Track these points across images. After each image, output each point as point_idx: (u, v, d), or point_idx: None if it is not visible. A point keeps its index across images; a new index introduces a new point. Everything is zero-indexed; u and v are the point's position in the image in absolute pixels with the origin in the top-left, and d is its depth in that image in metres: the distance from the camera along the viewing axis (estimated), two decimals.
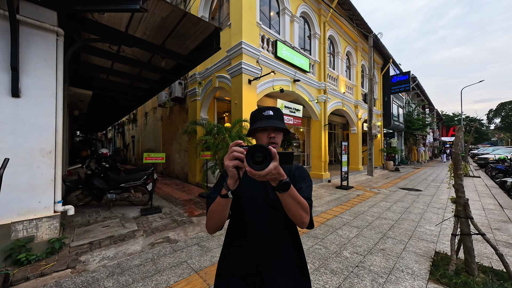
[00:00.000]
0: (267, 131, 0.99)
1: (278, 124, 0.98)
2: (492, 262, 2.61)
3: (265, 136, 0.98)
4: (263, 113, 1.00)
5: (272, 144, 0.96)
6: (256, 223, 0.94)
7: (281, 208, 0.90)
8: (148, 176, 4.88)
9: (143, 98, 7.52)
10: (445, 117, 50.77)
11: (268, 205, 0.95)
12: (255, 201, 0.95)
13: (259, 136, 1.00)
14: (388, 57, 13.91)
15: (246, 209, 0.95)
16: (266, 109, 1.01)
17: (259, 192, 0.96)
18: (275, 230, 0.95)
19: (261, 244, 0.94)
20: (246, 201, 0.95)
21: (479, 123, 52.36)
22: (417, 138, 20.25)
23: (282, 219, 0.94)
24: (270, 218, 0.95)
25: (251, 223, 0.94)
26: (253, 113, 1.06)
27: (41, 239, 2.71)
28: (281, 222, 0.96)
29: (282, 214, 0.92)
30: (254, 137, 1.05)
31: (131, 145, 17.40)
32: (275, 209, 0.94)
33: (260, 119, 0.99)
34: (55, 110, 2.85)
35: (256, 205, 0.95)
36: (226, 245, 1.02)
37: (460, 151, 2.51)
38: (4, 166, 1.78)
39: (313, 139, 8.59)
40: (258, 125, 0.98)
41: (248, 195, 0.96)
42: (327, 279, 2.29)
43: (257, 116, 1.01)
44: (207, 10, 7.31)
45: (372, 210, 4.74)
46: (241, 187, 0.94)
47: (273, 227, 0.95)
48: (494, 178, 9.50)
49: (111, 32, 3.59)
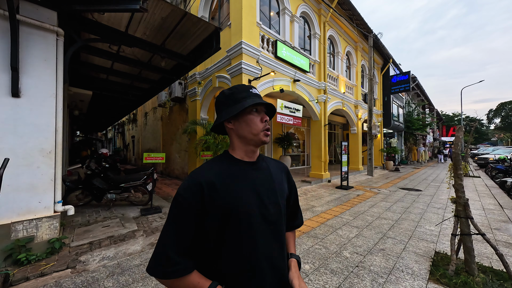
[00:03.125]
0: (261, 114, 0.78)
1: (271, 104, 0.79)
2: (492, 262, 2.61)
3: (258, 119, 0.76)
4: (249, 90, 0.77)
5: (267, 131, 0.77)
6: (259, 250, 0.70)
7: (283, 224, 0.79)
8: (148, 176, 4.88)
9: (143, 98, 7.52)
10: (445, 117, 50.77)
11: (268, 222, 0.73)
12: (248, 216, 0.70)
13: (251, 119, 0.75)
14: (388, 57, 13.90)
15: (242, 232, 0.69)
16: (249, 86, 0.79)
17: (253, 205, 0.71)
18: (281, 255, 0.77)
19: (272, 278, 0.72)
20: (239, 219, 0.69)
21: (479, 123, 52.36)
22: (417, 138, 20.25)
23: (283, 238, 0.79)
24: (273, 239, 0.74)
25: (249, 250, 0.69)
26: (234, 90, 0.77)
27: (41, 239, 2.71)
28: (284, 243, 0.80)
29: (283, 232, 0.79)
30: (235, 121, 0.76)
31: (131, 145, 17.40)
32: (276, 226, 0.75)
33: (250, 96, 0.75)
34: (55, 110, 2.85)
35: (251, 222, 0.70)
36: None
37: (460, 151, 2.51)
38: (4, 166, 1.78)
39: (313, 139, 8.58)
40: (254, 100, 0.73)
41: (241, 211, 0.69)
42: (327, 279, 2.29)
43: (244, 93, 0.76)
44: (207, 10, 7.30)
45: (372, 210, 4.74)
46: (227, 200, 0.69)
47: (280, 251, 0.76)
48: (494, 178, 9.50)
49: (111, 32, 3.59)
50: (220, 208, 0.68)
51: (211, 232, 0.68)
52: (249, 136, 0.75)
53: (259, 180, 0.77)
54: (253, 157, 0.80)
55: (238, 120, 0.76)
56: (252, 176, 0.76)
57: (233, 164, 0.77)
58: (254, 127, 0.75)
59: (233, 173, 0.74)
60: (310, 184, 7.44)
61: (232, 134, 0.79)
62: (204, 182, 0.68)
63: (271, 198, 0.76)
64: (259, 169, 0.80)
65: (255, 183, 0.75)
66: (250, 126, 0.75)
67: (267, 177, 0.80)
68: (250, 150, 0.78)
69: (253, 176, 0.76)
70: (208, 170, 0.73)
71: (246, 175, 0.75)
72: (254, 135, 0.75)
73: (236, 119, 0.76)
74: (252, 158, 0.80)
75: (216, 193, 0.68)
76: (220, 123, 0.80)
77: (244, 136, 0.76)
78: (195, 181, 0.69)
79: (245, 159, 0.79)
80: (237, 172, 0.75)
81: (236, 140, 0.79)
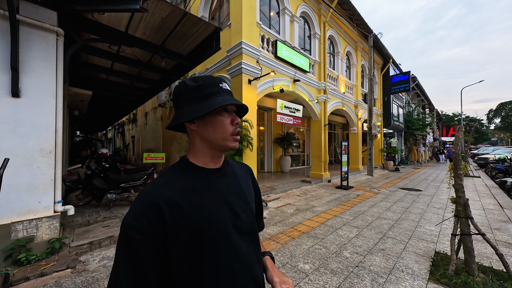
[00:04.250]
0: (231, 115, 0.67)
1: (243, 104, 0.69)
2: (492, 262, 2.61)
3: (228, 121, 0.65)
4: (219, 84, 0.65)
5: (237, 136, 0.67)
6: (240, 266, 0.62)
7: (257, 231, 0.73)
8: (148, 176, 4.88)
9: (143, 98, 7.52)
10: (445, 117, 50.79)
11: (243, 233, 0.66)
12: (223, 232, 0.61)
13: (219, 120, 0.64)
14: (388, 57, 13.90)
15: (218, 251, 0.59)
16: (219, 79, 0.66)
17: (226, 218, 0.62)
18: (259, 263, 0.70)
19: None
20: (214, 237, 0.59)
21: (479, 123, 52.40)
22: (417, 138, 20.26)
23: (259, 246, 0.73)
24: (250, 250, 0.67)
25: (230, 269, 0.60)
26: (201, 83, 0.64)
27: (41, 239, 2.71)
28: (260, 250, 0.74)
29: (258, 239, 0.74)
30: (200, 122, 0.64)
31: (131, 145, 17.40)
32: (251, 235, 0.69)
33: (219, 93, 0.64)
34: (55, 110, 2.85)
35: (226, 239, 0.61)
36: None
37: (460, 151, 2.52)
38: (4, 166, 1.78)
39: (313, 139, 8.58)
40: (226, 100, 0.62)
41: (214, 227, 0.60)
42: (327, 279, 2.29)
43: (213, 87, 0.64)
44: (207, 10, 7.31)
45: (372, 210, 4.74)
46: (194, 218, 0.58)
47: (258, 260, 0.71)
48: (494, 178, 9.51)
49: (111, 32, 3.59)
50: (187, 229, 0.56)
51: (178, 263, 0.56)
52: (216, 141, 0.65)
53: (227, 188, 0.68)
54: (218, 162, 0.70)
55: (204, 121, 0.64)
56: (219, 185, 0.67)
57: (195, 174, 0.65)
58: (223, 130, 0.64)
59: (196, 185, 0.63)
60: (310, 184, 7.44)
61: (195, 137, 0.67)
62: (163, 203, 0.56)
63: (243, 206, 0.69)
64: (225, 175, 0.70)
65: (223, 192, 0.66)
66: (218, 129, 0.64)
67: (236, 183, 0.71)
68: (216, 155, 0.68)
69: (220, 185, 0.67)
70: (165, 186, 0.60)
71: (213, 185, 0.65)
72: (222, 139, 0.64)
73: (201, 119, 0.64)
74: (217, 164, 0.70)
75: (180, 213, 0.57)
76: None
77: (209, 140, 0.65)
78: (150, 204, 0.55)
79: (209, 165, 0.68)
80: (201, 183, 0.64)
81: (199, 144, 0.67)
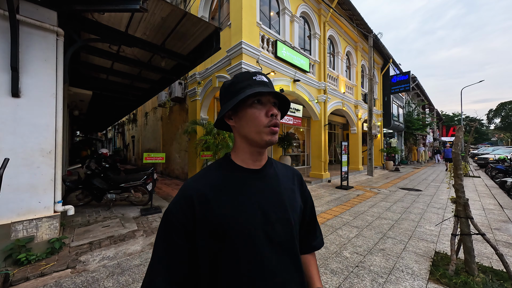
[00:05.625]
0: (266, 106, 0.62)
1: (275, 91, 0.62)
2: (492, 262, 2.61)
3: (262, 113, 0.61)
4: (253, 77, 0.62)
5: (275, 127, 0.61)
6: (265, 279, 0.58)
7: (296, 245, 0.65)
8: (148, 176, 4.88)
9: (143, 98, 7.52)
10: (445, 117, 50.78)
11: (275, 243, 0.61)
12: (248, 237, 0.58)
13: (251, 113, 0.61)
14: (388, 57, 13.90)
15: (240, 256, 0.57)
16: (254, 72, 0.64)
17: (256, 223, 0.60)
18: (296, 284, 0.63)
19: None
20: (237, 241, 0.57)
21: (479, 123, 52.39)
22: (417, 138, 20.25)
23: (298, 263, 0.65)
24: (283, 265, 0.61)
25: (252, 279, 0.57)
26: (235, 80, 0.64)
27: (41, 239, 2.71)
28: (301, 270, 0.66)
29: (297, 254, 0.65)
30: (235, 117, 0.64)
31: (131, 145, 17.40)
32: (285, 248, 0.62)
33: (252, 85, 0.61)
34: (55, 110, 2.85)
35: (251, 245, 0.58)
36: None
37: (460, 151, 2.52)
38: (4, 166, 1.78)
39: (313, 139, 8.58)
40: (253, 90, 0.59)
41: (239, 231, 0.58)
42: (327, 279, 2.29)
43: (245, 81, 0.62)
44: (207, 10, 7.31)
45: (372, 210, 4.74)
46: (221, 217, 0.58)
47: (295, 280, 0.63)
48: (494, 178, 9.50)
49: (111, 32, 3.59)
50: (212, 225, 0.57)
51: (203, 257, 0.57)
52: (250, 135, 0.62)
53: (264, 191, 0.64)
54: (259, 161, 0.67)
55: (238, 116, 0.63)
56: (255, 187, 0.64)
57: (232, 172, 0.65)
58: (256, 123, 0.60)
59: (231, 184, 0.63)
60: (310, 184, 7.44)
61: (235, 133, 0.67)
62: (194, 195, 0.59)
63: (279, 213, 0.63)
64: (264, 177, 0.67)
65: (259, 195, 0.63)
66: (251, 122, 0.60)
67: (275, 187, 0.67)
68: (255, 152, 0.65)
69: (257, 187, 0.64)
70: (202, 179, 0.63)
71: (248, 186, 0.64)
72: (256, 132, 0.61)
73: (236, 114, 0.63)
74: (257, 163, 0.67)
75: (209, 208, 0.58)
76: (221, 119, 0.67)
77: (245, 135, 0.63)
78: (185, 194, 0.60)
79: (249, 165, 0.66)
80: (236, 182, 0.63)
81: (239, 140, 0.66)
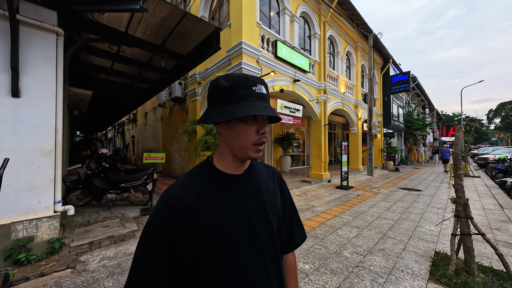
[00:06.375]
0: (258, 123, 0.61)
1: (274, 113, 0.60)
2: (492, 262, 2.61)
3: (253, 129, 0.60)
4: (253, 87, 0.59)
5: (260, 146, 0.61)
6: (248, 283, 0.59)
7: (278, 247, 0.67)
8: (148, 176, 4.88)
9: (143, 98, 7.52)
10: (445, 117, 50.82)
11: (257, 247, 0.62)
12: (232, 243, 0.59)
13: (243, 127, 0.59)
14: (388, 57, 13.90)
15: (224, 262, 0.58)
16: (253, 81, 0.60)
17: (238, 228, 0.60)
18: (270, 285, 0.64)
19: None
20: (221, 247, 0.58)
21: (479, 123, 52.40)
22: (417, 138, 20.26)
23: (279, 265, 0.68)
24: (265, 268, 0.63)
25: (235, 284, 0.58)
26: (232, 84, 0.59)
27: (41, 239, 2.71)
28: (281, 271, 0.69)
29: (279, 257, 0.68)
30: (224, 125, 0.62)
31: (131, 145, 17.40)
32: (268, 251, 0.64)
33: (250, 97, 0.59)
34: (55, 110, 2.85)
35: (234, 251, 0.59)
36: None
37: (460, 151, 2.52)
38: (4, 166, 1.78)
39: (313, 139, 8.58)
40: (254, 111, 0.56)
41: (222, 238, 0.58)
42: (327, 279, 2.29)
43: (244, 90, 0.59)
44: (207, 10, 7.31)
45: (372, 210, 4.74)
46: (204, 223, 0.58)
47: (276, 282, 0.65)
48: (494, 178, 9.50)
49: (111, 32, 3.59)
50: (196, 233, 0.57)
51: (186, 264, 0.57)
52: (236, 147, 0.62)
53: (247, 196, 0.65)
54: (242, 167, 0.67)
55: (228, 125, 0.61)
56: (238, 193, 0.64)
57: (215, 179, 0.64)
58: (245, 139, 0.60)
59: (214, 191, 0.62)
60: (310, 184, 7.44)
61: (220, 137, 0.66)
62: (175, 204, 0.58)
63: (261, 217, 0.64)
64: (247, 182, 0.67)
65: (241, 201, 0.64)
66: (240, 136, 0.60)
67: (257, 192, 0.67)
68: (237, 161, 0.66)
69: (239, 193, 0.64)
70: (183, 187, 0.62)
71: (231, 192, 0.64)
72: (242, 147, 0.61)
73: (226, 123, 0.61)
74: (240, 168, 0.67)
75: (191, 217, 0.58)
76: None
77: (231, 145, 0.63)
78: (165, 204, 0.59)
79: (231, 170, 0.66)
80: (219, 189, 0.63)
81: (223, 146, 0.65)
